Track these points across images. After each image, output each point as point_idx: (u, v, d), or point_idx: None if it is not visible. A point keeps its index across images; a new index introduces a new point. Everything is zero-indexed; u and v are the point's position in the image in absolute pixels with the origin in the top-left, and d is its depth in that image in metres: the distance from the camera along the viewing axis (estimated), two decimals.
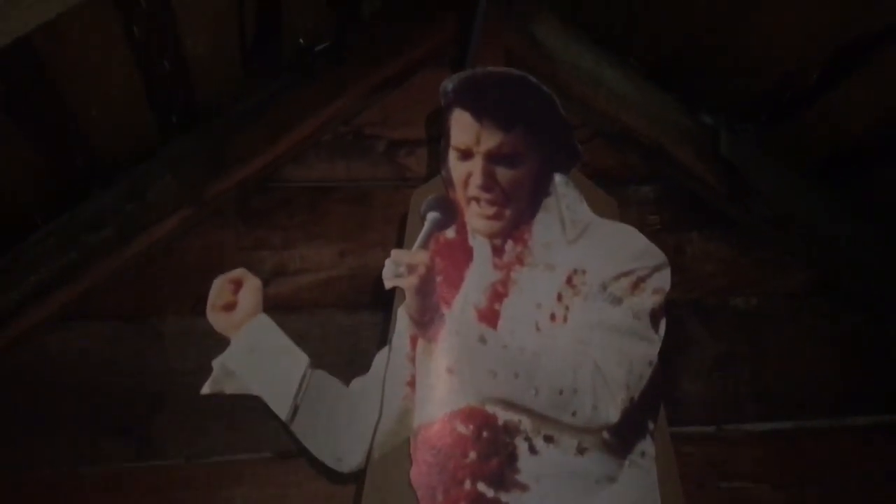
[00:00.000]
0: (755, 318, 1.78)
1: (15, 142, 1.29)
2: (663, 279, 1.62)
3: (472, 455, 1.48)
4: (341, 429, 1.53)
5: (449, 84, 1.62)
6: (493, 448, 1.48)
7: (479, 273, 1.58)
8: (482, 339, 1.52)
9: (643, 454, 1.54)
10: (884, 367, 1.78)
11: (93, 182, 1.53)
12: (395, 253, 1.52)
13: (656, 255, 1.62)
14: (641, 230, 1.66)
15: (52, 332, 1.56)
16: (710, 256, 1.80)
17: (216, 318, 1.58)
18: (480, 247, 1.59)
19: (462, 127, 1.61)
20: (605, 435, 1.51)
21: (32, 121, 1.27)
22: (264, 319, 1.58)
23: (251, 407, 1.55)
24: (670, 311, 1.62)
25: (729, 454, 1.69)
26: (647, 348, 1.58)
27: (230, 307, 1.58)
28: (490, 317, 1.55)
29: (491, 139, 1.60)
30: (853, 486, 1.70)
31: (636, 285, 1.60)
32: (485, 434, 1.49)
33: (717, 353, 1.75)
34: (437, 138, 1.67)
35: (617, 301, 1.58)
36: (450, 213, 1.58)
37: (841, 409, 1.75)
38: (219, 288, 1.59)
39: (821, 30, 1.52)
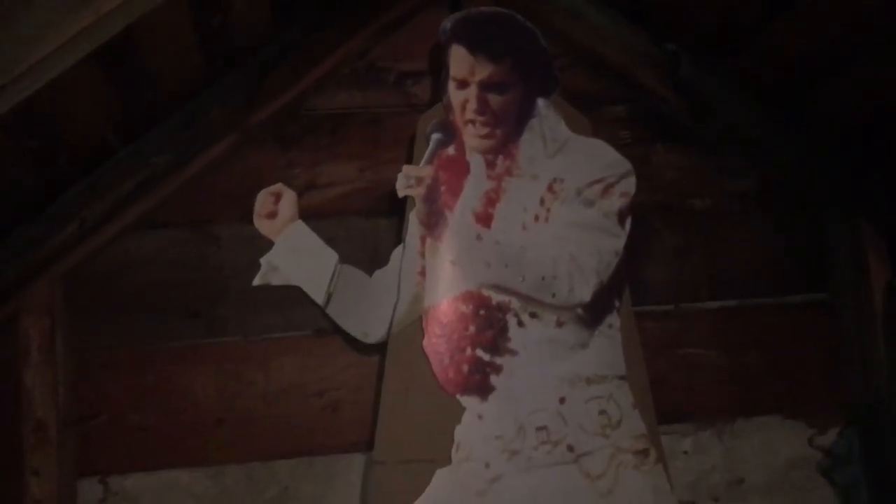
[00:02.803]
0: (709, 216, 2.08)
1: (99, 83, 1.60)
2: (629, 185, 1.90)
3: (472, 328, 1.83)
4: (366, 310, 1.87)
5: (447, 23, 1.88)
6: (488, 322, 1.83)
7: (476, 183, 1.88)
8: (478, 237, 1.83)
9: (610, 326, 1.88)
10: (816, 254, 2.11)
11: (157, 114, 1.85)
12: (405, 168, 1.81)
13: (624, 164, 1.91)
14: (614, 144, 1.94)
15: (130, 238, 1.89)
16: (672, 165, 2.09)
17: (261, 225, 1.90)
18: (476, 161, 1.89)
19: (459, 60, 1.87)
20: (580, 311, 1.85)
21: (114, 65, 1.57)
22: (301, 225, 1.91)
23: (294, 295, 1.89)
24: (638, 211, 1.93)
25: (684, 327, 2.04)
26: (615, 242, 1.89)
27: (272, 215, 1.90)
28: (485, 219, 1.87)
29: (483, 70, 1.87)
30: (786, 351, 2.06)
31: (606, 190, 1.88)
32: (481, 312, 1.83)
33: (677, 246, 2.07)
34: (438, 70, 1.93)
35: (590, 203, 1.88)
36: (450, 133, 1.86)
37: (780, 289, 2.08)
38: (262, 200, 1.90)
39: None
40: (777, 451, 2.01)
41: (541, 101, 1.93)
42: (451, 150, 1.89)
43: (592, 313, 1.87)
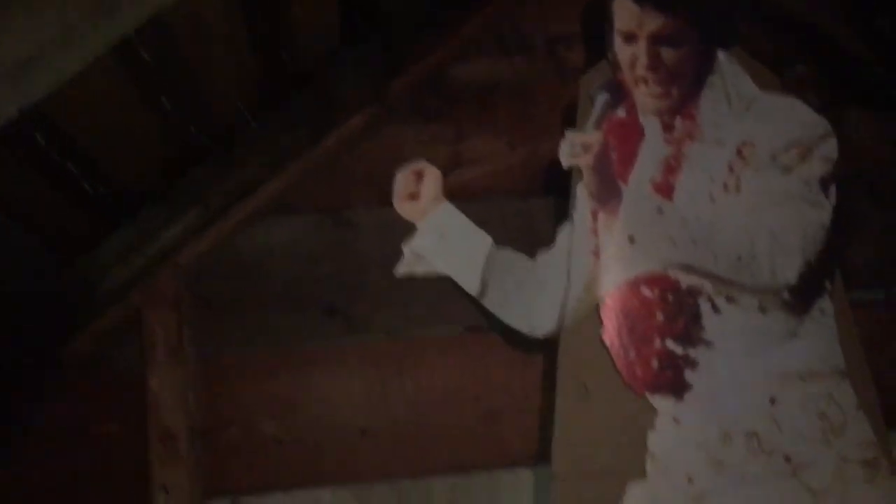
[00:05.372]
0: None
1: (241, 41, 1.43)
2: (830, 148, 1.63)
3: (660, 316, 1.56)
4: (532, 298, 1.63)
5: None
6: (678, 309, 1.56)
7: (652, 149, 1.64)
8: (659, 210, 1.58)
9: (822, 311, 1.60)
10: None
11: (290, 89, 1.66)
12: (569, 134, 1.57)
13: (822, 124, 1.64)
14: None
15: (259, 225, 1.70)
16: (869, 130, 1.83)
17: (403, 208, 1.68)
18: (651, 124, 1.65)
19: (624, 12, 1.64)
20: (785, 295, 1.57)
21: (255, 28, 1.40)
22: (448, 206, 1.68)
23: (443, 286, 1.66)
24: (838, 183, 1.65)
25: None
26: (820, 213, 1.61)
27: (415, 196, 1.69)
28: (665, 189, 1.62)
29: (653, 22, 1.63)
30: None
31: (804, 154, 1.62)
32: (669, 297, 1.57)
33: (885, 223, 1.78)
34: (591, 32, 1.72)
35: (787, 170, 1.61)
36: (619, 94, 1.64)
37: None
38: (403, 180, 1.69)
39: None
40: None
41: (721, 54, 1.67)
42: (620, 113, 1.67)
43: (800, 297, 1.59)
